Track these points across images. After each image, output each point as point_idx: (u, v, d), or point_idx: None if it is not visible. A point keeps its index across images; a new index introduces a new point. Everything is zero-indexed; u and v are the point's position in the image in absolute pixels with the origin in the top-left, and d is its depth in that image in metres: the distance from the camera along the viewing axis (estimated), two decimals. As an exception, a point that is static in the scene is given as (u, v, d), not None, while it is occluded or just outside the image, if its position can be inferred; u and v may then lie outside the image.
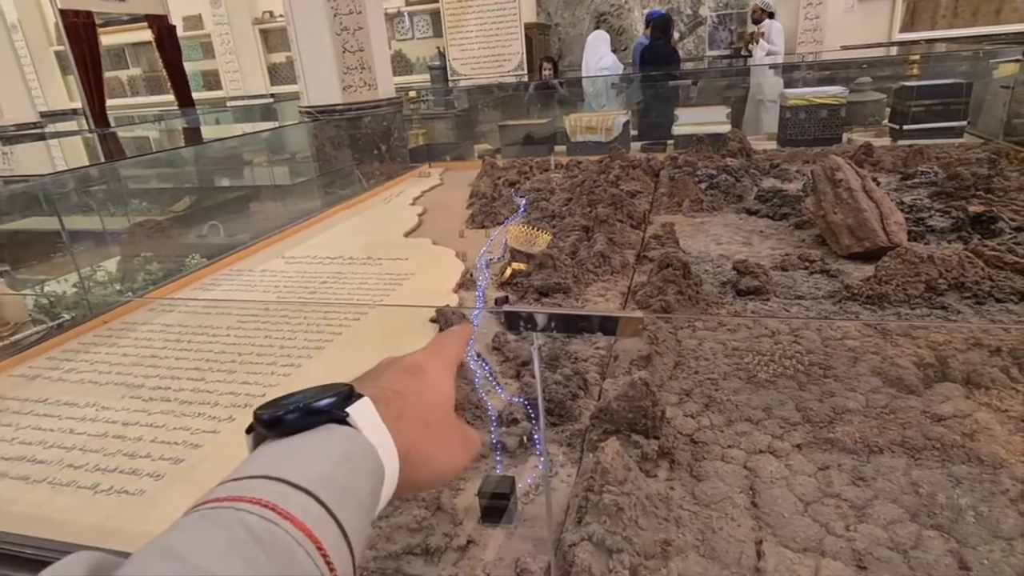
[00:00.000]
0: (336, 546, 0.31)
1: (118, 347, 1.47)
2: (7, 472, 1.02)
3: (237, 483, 0.32)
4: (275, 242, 2.29)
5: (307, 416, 0.36)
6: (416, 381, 0.44)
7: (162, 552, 0.26)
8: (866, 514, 0.78)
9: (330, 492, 0.32)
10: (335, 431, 0.36)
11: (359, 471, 0.35)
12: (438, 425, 0.43)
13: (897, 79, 3.61)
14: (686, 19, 7.28)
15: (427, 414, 0.43)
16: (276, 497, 0.30)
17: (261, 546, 0.27)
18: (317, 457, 0.34)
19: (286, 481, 0.31)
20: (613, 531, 0.72)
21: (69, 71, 7.29)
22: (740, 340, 1.24)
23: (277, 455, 0.34)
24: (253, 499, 0.30)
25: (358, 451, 0.36)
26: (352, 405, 0.37)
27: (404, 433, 0.39)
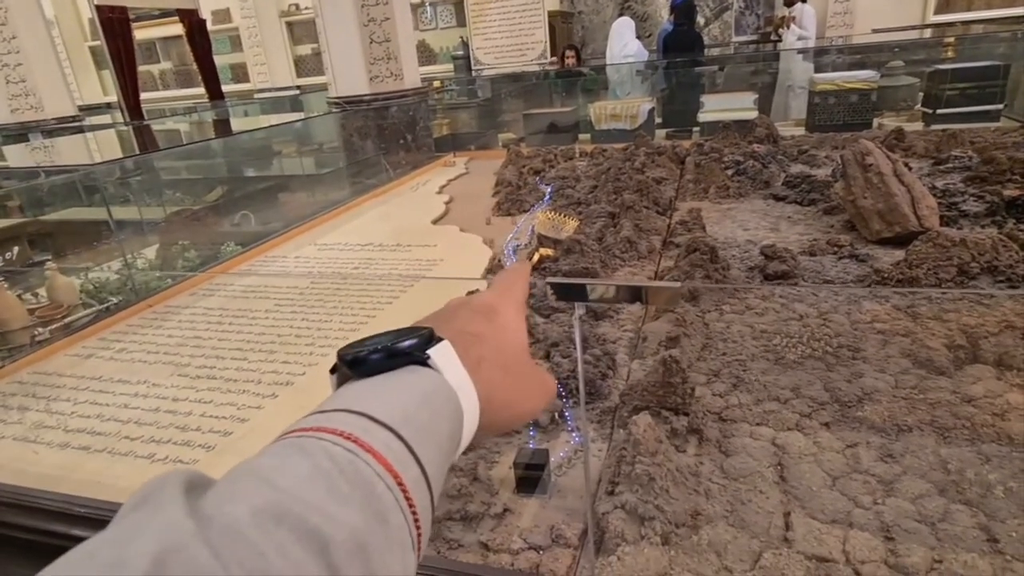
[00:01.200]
0: (415, 483, 0.31)
1: (164, 329, 1.54)
2: (69, 443, 1.08)
3: (322, 415, 0.32)
4: (306, 230, 2.35)
5: (390, 357, 0.36)
6: (491, 324, 0.44)
7: (250, 474, 0.28)
8: (894, 488, 0.80)
9: (411, 430, 0.32)
10: (417, 372, 0.37)
11: (439, 413, 0.36)
12: (516, 368, 0.44)
13: (931, 62, 3.53)
14: (712, 4, 7.18)
15: (505, 358, 0.43)
16: (359, 431, 0.31)
17: (344, 475, 0.28)
18: (399, 396, 0.34)
19: (369, 416, 0.32)
20: (645, 499, 0.75)
21: (103, 66, 7.47)
22: (768, 323, 1.26)
23: (361, 392, 0.35)
24: (337, 431, 0.30)
25: (439, 393, 0.36)
26: (433, 348, 0.38)
27: (485, 378, 0.40)
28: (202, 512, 0.25)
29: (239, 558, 0.23)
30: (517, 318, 0.47)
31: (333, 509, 0.27)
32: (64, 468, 1.02)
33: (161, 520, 0.24)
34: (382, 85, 3.30)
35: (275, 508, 0.25)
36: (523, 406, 0.44)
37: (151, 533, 0.23)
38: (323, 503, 0.27)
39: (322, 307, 1.56)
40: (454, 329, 0.41)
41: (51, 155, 3.30)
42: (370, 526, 0.28)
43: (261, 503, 0.25)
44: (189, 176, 3.55)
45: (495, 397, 0.40)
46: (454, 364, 0.38)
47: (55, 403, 1.23)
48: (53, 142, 3.91)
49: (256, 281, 1.82)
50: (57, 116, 4.53)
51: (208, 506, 0.25)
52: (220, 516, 0.24)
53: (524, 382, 0.44)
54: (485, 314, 0.45)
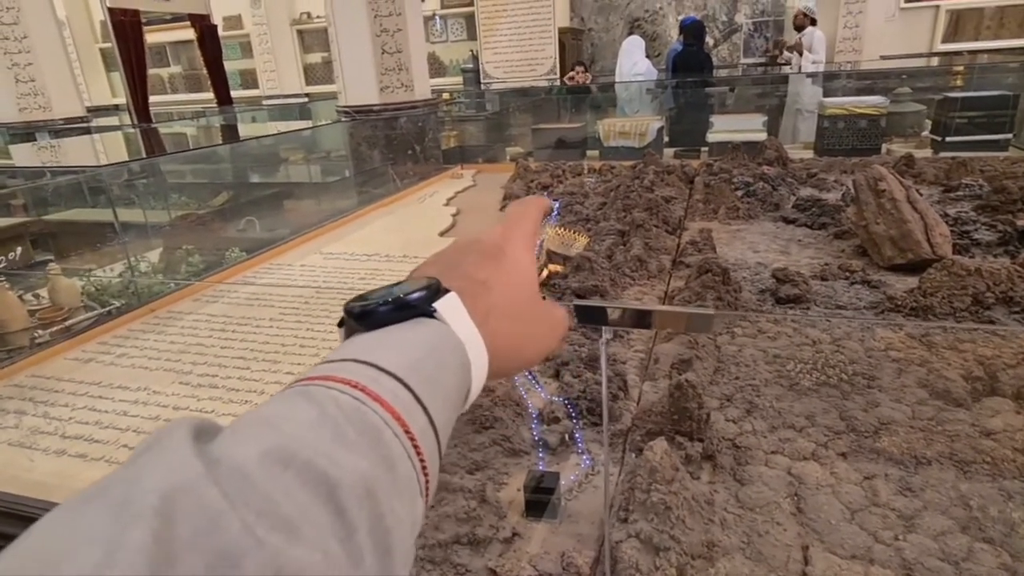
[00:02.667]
0: (423, 432, 0.32)
1: (166, 334, 1.52)
2: (66, 450, 1.06)
3: (330, 364, 0.32)
4: (312, 238, 2.33)
5: (397, 310, 0.36)
6: (499, 268, 0.43)
7: (257, 420, 0.28)
8: (915, 524, 0.78)
9: (419, 380, 0.33)
10: (424, 324, 0.36)
11: (446, 364, 0.36)
12: (526, 313, 0.43)
13: (938, 90, 3.54)
14: (721, 26, 7.24)
15: (514, 306, 0.42)
16: (367, 380, 0.31)
17: (351, 422, 0.28)
18: (407, 347, 0.34)
19: (377, 366, 0.32)
20: (660, 529, 0.73)
21: (113, 68, 7.51)
22: (780, 347, 1.24)
23: (368, 343, 0.35)
24: (345, 379, 0.31)
25: (446, 345, 0.36)
26: (440, 300, 0.37)
27: (493, 328, 0.39)
28: (210, 454, 0.25)
29: (246, 499, 0.23)
30: (526, 257, 0.45)
31: (340, 454, 0.27)
32: (60, 476, 0.99)
33: (170, 460, 0.24)
34: (392, 95, 3.31)
35: (282, 452, 0.26)
36: (532, 350, 0.44)
37: (160, 472, 0.23)
38: (330, 448, 0.27)
39: (328, 318, 1.54)
40: (461, 275, 0.40)
41: (57, 155, 3.30)
42: (377, 472, 0.28)
43: (268, 447, 0.26)
44: (195, 180, 3.55)
45: (503, 346, 0.40)
46: (461, 316, 0.38)
47: (53, 408, 1.20)
48: (60, 142, 3.91)
49: (260, 289, 1.80)
50: (65, 116, 4.54)
51: (216, 449, 0.25)
52: (228, 458, 0.25)
53: (533, 327, 0.44)
54: (492, 256, 0.43)
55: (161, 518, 0.21)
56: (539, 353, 0.45)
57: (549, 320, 0.46)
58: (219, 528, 0.22)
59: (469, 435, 0.99)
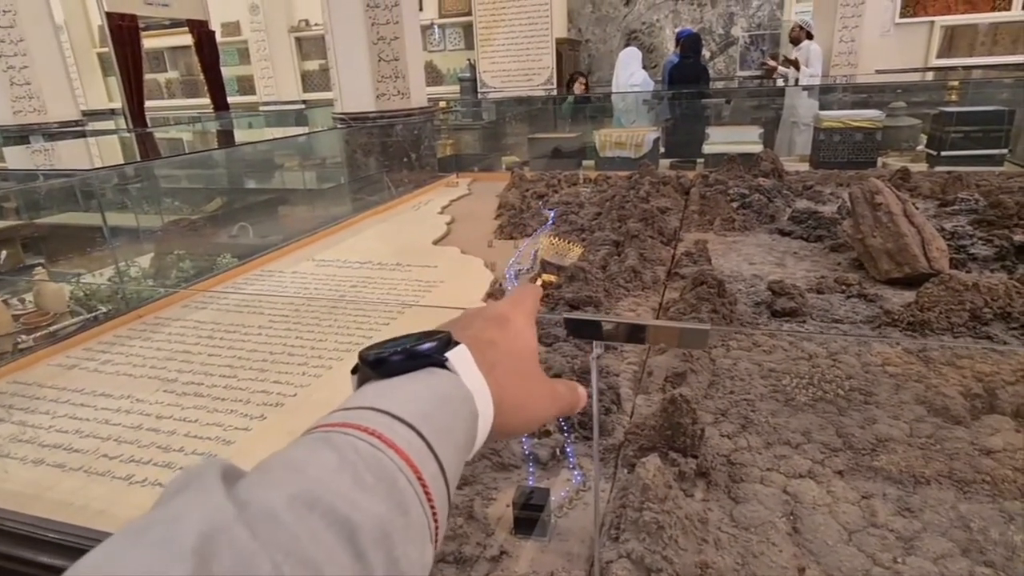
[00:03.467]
0: (434, 478, 0.33)
1: (152, 341, 1.49)
2: (44, 459, 1.03)
3: (347, 411, 0.34)
4: (305, 245, 2.31)
5: (410, 359, 0.38)
6: (504, 332, 0.45)
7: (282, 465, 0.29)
8: (914, 546, 0.76)
9: (431, 429, 0.34)
10: (436, 374, 0.38)
11: (457, 413, 0.37)
12: (527, 374, 0.45)
13: (933, 104, 3.56)
14: (718, 39, 7.28)
15: (518, 364, 0.44)
16: (382, 427, 0.32)
17: (369, 468, 0.30)
18: (420, 396, 0.36)
19: (392, 414, 0.33)
20: (653, 550, 0.71)
21: (110, 72, 7.50)
22: (776, 361, 1.22)
23: (383, 391, 0.36)
24: (361, 427, 0.32)
25: (456, 394, 0.38)
26: (451, 351, 0.39)
27: (498, 381, 0.41)
28: (240, 497, 0.26)
29: (276, 540, 0.25)
30: (528, 327, 0.49)
31: (360, 498, 0.28)
32: (37, 487, 0.96)
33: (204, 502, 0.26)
34: (388, 103, 3.30)
35: (307, 495, 0.27)
36: (534, 410, 0.46)
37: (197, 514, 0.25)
38: (351, 492, 0.28)
39: (317, 326, 1.52)
40: (470, 335, 0.43)
41: (50, 158, 3.27)
42: (393, 516, 0.29)
43: (294, 491, 0.27)
44: (189, 185, 3.53)
45: (508, 400, 0.42)
46: (471, 367, 0.40)
47: (32, 415, 1.17)
48: (53, 145, 3.89)
49: (250, 297, 1.77)
50: (60, 120, 4.52)
51: (244, 492, 0.27)
52: (256, 501, 0.26)
53: (535, 387, 0.46)
54: (498, 322, 0.47)
55: (199, 557, 0.23)
56: (540, 416, 0.47)
57: (548, 387, 0.49)
58: (252, 568, 0.23)
59: (458, 449, 0.97)
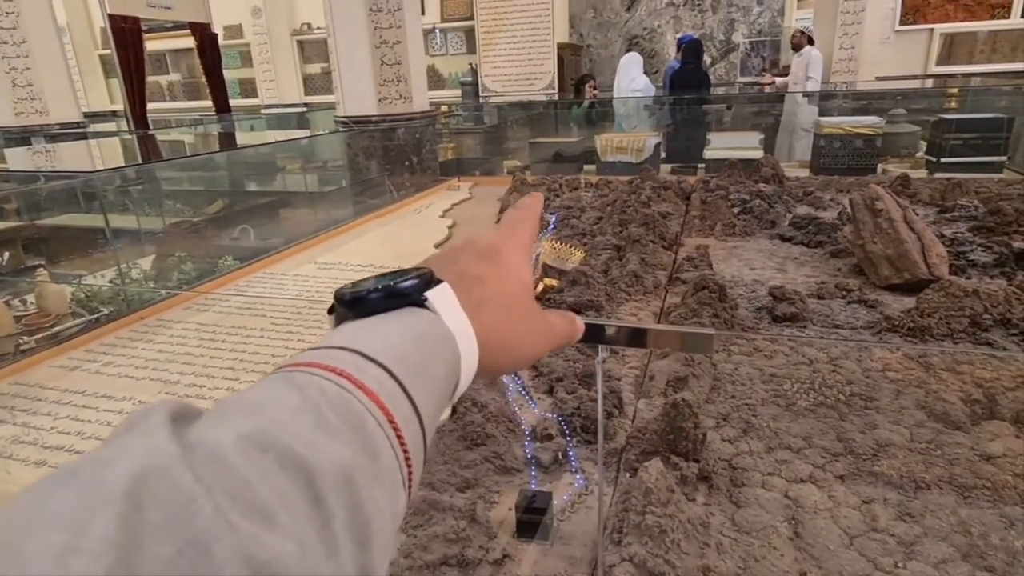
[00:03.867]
0: (407, 421, 0.31)
1: (154, 343, 1.49)
2: (46, 460, 1.03)
3: (316, 351, 0.32)
4: (307, 248, 2.32)
5: (388, 298, 0.36)
6: (494, 266, 0.43)
7: (237, 405, 0.27)
8: (915, 551, 0.76)
9: (405, 369, 0.32)
10: (414, 313, 0.36)
11: (435, 354, 0.35)
12: (518, 311, 0.43)
13: (932, 111, 3.57)
14: (718, 45, 7.30)
15: (507, 301, 0.42)
16: (351, 367, 0.30)
17: (333, 409, 0.28)
18: (395, 335, 0.34)
19: (362, 354, 0.32)
20: (655, 553, 0.71)
21: (112, 74, 7.51)
22: (777, 366, 1.22)
23: (356, 331, 0.34)
24: (329, 367, 0.30)
25: (435, 335, 0.36)
26: (431, 290, 0.37)
27: (485, 321, 0.39)
28: (187, 438, 0.24)
29: (222, 483, 0.23)
30: (521, 260, 0.46)
31: (320, 441, 0.26)
32: (39, 487, 0.96)
33: (144, 443, 0.24)
34: (390, 107, 3.31)
35: (260, 437, 0.25)
36: (525, 348, 0.44)
37: (133, 455, 0.23)
38: (310, 435, 0.26)
39: (319, 329, 1.52)
40: (456, 271, 0.41)
41: (52, 160, 3.27)
42: (358, 460, 0.27)
43: (246, 431, 0.25)
44: (191, 187, 3.53)
45: (496, 340, 0.40)
46: (453, 307, 0.38)
47: (34, 417, 1.18)
48: (55, 147, 3.89)
49: (251, 299, 1.78)
50: (61, 121, 4.53)
51: (193, 433, 0.25)
52: (204, 442, 0.24)
53: (526, 325, 0.44)
54: (488, 256, 0.44)
55: (130, 502, 0.21)
56: (532, 353, 0.45)
57: (544, 323, 0.47)
58: (190, 513, 0.21)
59: (460, 452, 0.97)
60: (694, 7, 7.23)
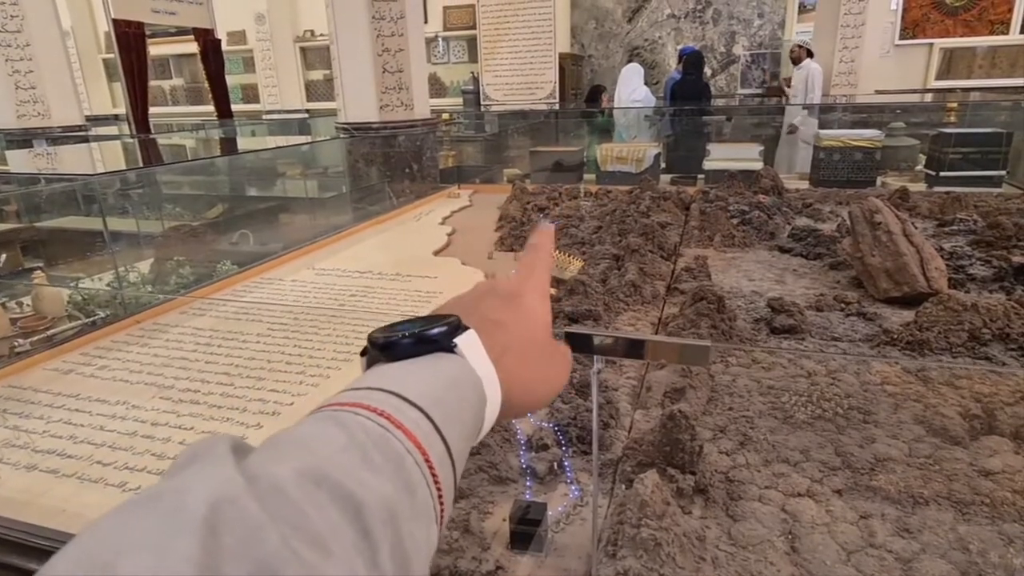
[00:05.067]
0: (441, 460, 0.33)
1: (149, 347, 1.48)
2: (37, 464, 1.02)
3: (357, 391, 0.35)
4: (305, 253, 2.31)
5: (419, 343, 0.39)
6: (515, 311, 0.46)
7: (291, 441, 0.30)
8: (913, 568, 0.75)
9: (439, 412, 0.34)
10: (445, 359, 0.39)
11: (465, 398, 0.38)
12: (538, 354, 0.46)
13: (931, 125, 3.59)
14: (719, 57, 7.34)
15: (528, 346, 0.45)
16: (392, 409, 0.33)
17: (377, 448, 0.30)
18: (428, 380, 0.36)
19: (401, 396, 0.34)
20: (650, 567, 0.70)
21: (115, 78, 7.54)
22: (775, 378, 1.22)
23: (393, 374, 0.37)
24: (371, 407, 0.33)
25: (465, 380, 0.39)
26: (459, 336, 0.40)
27: (508, 367, 0.42)
28: (249, 470, 0.27)
29: (284, 514, 0.25)
30: (541, 303, 0.49)
31: (367, 477, 0.29)
32: (29, 493, 0.96)
33: (215, 474, 0.26)
34: (392, 114, 3.32)
35: (315, 472, 0.27)
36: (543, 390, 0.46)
37: (207, 484, 0.25)
38: (358, 471, 0.29)
39: (316, 335, 1.52)
40: (479, 316, 0.43)
41: (53, 163, 3.28)
42: (399, 496, 0.29)
43: (302, 466, 0.27)
44: (191, 192, 3.54)
45: (516, 384, 0.43)
46: (479, 353, 0.40)
47: (27, 420, 1.17)
48: (56, 150, 3.90)
49: (248, 305, 1.77)
50: (63, 124, 4.54)
51: (253, 466, 0.27)
52: (266, 475, 0.26)
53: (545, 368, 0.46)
54: (509, 301, 0.46)
55: (208, 528, 0.23)
56: (550, 394, 0.47)
57: (561, 361, 0.49)
58: (260, 540, 0.23)
59: (455, 461, 0.96)
60: (695, 19, 7.28)
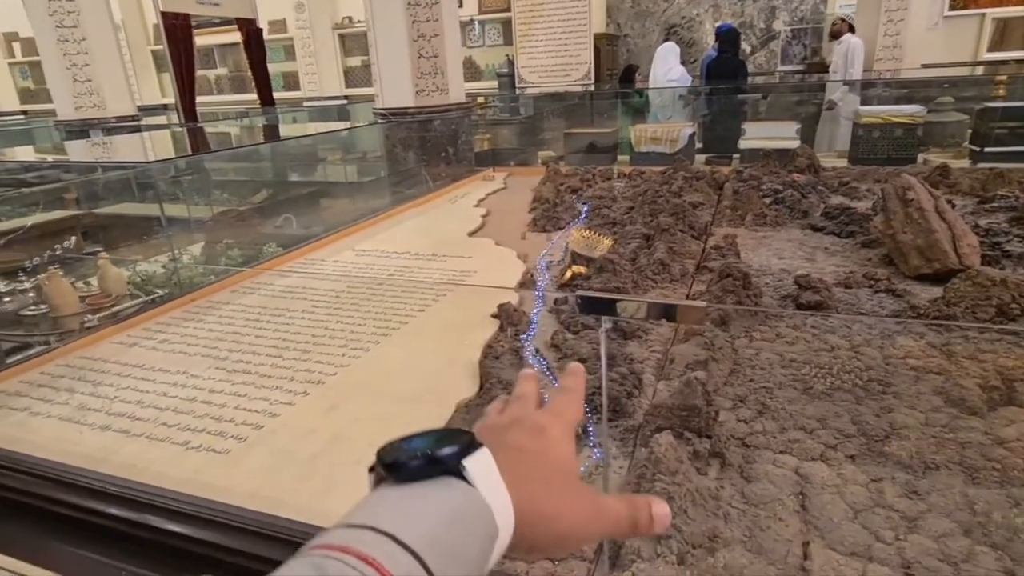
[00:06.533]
0: None
1: (204, 323, 1.60)
2: (110, 426, 1.13)
3: (349, 531, 0.33)
4: (346, 235, 2.41)
5: (428, 465, 0.37)
6: (537, 440, 0.45)
7: None
8: (917, 526, 0.79)
9: (436, 555, 0.33)
10: (453, 487, 0.37)
11: (471, 533, 0.36)
12: (559, 485, 0.43)
13: (981, 100, 3.46)
14: (759, 33, 7.16)
15: (547, 474, 0.43)
16: (381, 555, 0.31)
17: None
18: (430, 514, 0.35)
19: (395, 539, 0.32)
20: (662, 517, 0.76)
21: (163, 68, 7.81)
22: (798, 352, 1.25)
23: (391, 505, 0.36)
24: (359, 553, 0.31)
25: (472, 512, 0.37)
26: (471, 456, 0.38)
27: (522, 491, 0.40)
28: None
29: None
30: (565, 438, 0.47)
31: None
32: (105, 450, 1.07)
33: None
34: (428, 99, 3.38)
35: None
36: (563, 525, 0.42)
37: None
38: None
39: (356, 311, 1.60)
40: (497, 440, 0.42)
41: (109, 151, 3.46)
42: None
43: None
44: (237, 178, 3.68)
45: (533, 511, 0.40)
46: (491, 474, 0.38)
47: (99, 387, 1.29)
48: (112, 139, 4.10)
49: (295, 282, 1.88)
50: (118, 115, 4.76)
51: None
52: None
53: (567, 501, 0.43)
54: (532, 431, 0.46)
55: None
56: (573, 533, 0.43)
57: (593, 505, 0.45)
58: None
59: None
60: (734, -6, 7.10)
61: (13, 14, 8.74)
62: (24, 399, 1.26)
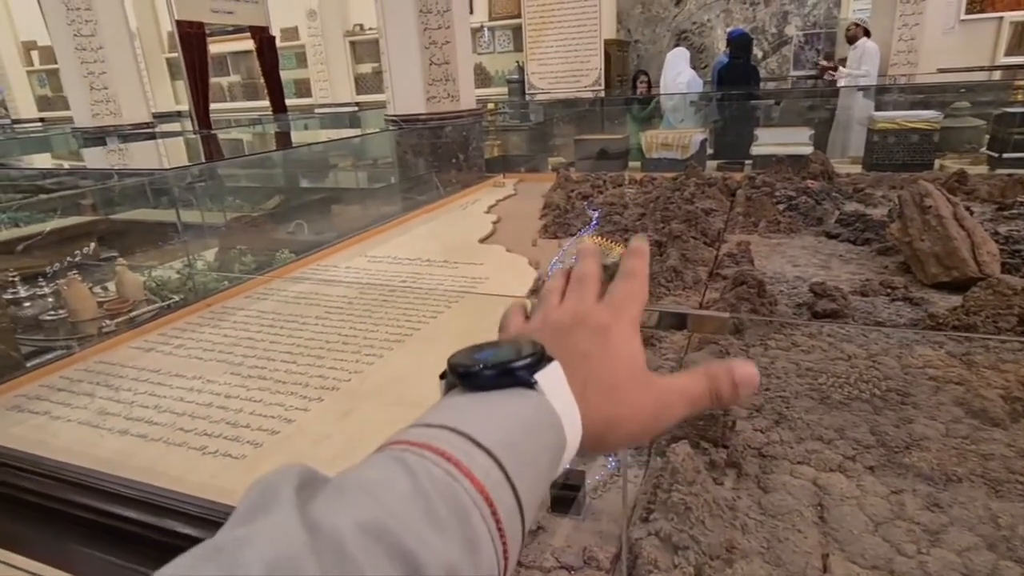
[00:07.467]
0: (509, 514, 0.32)
1: (220, 328, 1.61)
2: (128, 430, 1.14)
3: (427, 429, 0.34)
4: (358, 242, 2.42)
5: (501, 376, 0.38)
6: (603, 342, 0.44)
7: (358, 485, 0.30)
8: (940, 539, 0.78)
9: (512, 459, 0.33)
10: (525, 397, 0.37)
11: (541, 443, 0.36)
12: (626, 388, 0.43)
13: (999, 105, 3.43)
14: (771, 38, 7.14)
15: (614, 379, 0.43)
16: (461, 453, 0.32)
17: (442, 499, 0.30)
18: (505, 421, 0.35)
19: (473, 440, 0.33)
20: (680, 528, 0.75)
21: (178, 76, 7.90)
22: (814, 361, 1.24)
23: (467, 411, 0.36)
24: (440, 450, 0.32)
25: (544, 421, 0.37)
26: (542, 371, 0.38)
27: (590, 400, 0.40)
28: (312, 520, 0.27)
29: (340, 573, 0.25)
30: (631, 336, 0.46)
31: (428, 534, 0.28)
32: (123, 454, 1.08)
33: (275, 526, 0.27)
34: (438, 105, 3.39)
35: (376, 525, 0.27)
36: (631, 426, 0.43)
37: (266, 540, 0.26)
38: (420, 526, 0.28)
39: (369, 317, 1.61)
40: (565, 347, 0.42)
41: (125, 158, 3.50)
42: (461, 556, 0.29)
43: (364, 518, 0.27)
44: (249, 184, 3.70)
45: (599, 420, 0.41)
46: (561, 388, 0.39)
47: (117, 392, 1.30)
48: (127, 146, 4.15)
49: (308, 288, 1.88)
50: (133, 122, 4.82)
51: (317, 513, 0.28)
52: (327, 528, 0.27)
53: (635, 401, 0.43)
54: (597, 333, 0.45)
55: None
56: (640, 432, 0.44)
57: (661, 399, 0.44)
58: None
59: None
60: (745, 0, 7.09)
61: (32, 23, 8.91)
62: (44, 403, 1.27)
